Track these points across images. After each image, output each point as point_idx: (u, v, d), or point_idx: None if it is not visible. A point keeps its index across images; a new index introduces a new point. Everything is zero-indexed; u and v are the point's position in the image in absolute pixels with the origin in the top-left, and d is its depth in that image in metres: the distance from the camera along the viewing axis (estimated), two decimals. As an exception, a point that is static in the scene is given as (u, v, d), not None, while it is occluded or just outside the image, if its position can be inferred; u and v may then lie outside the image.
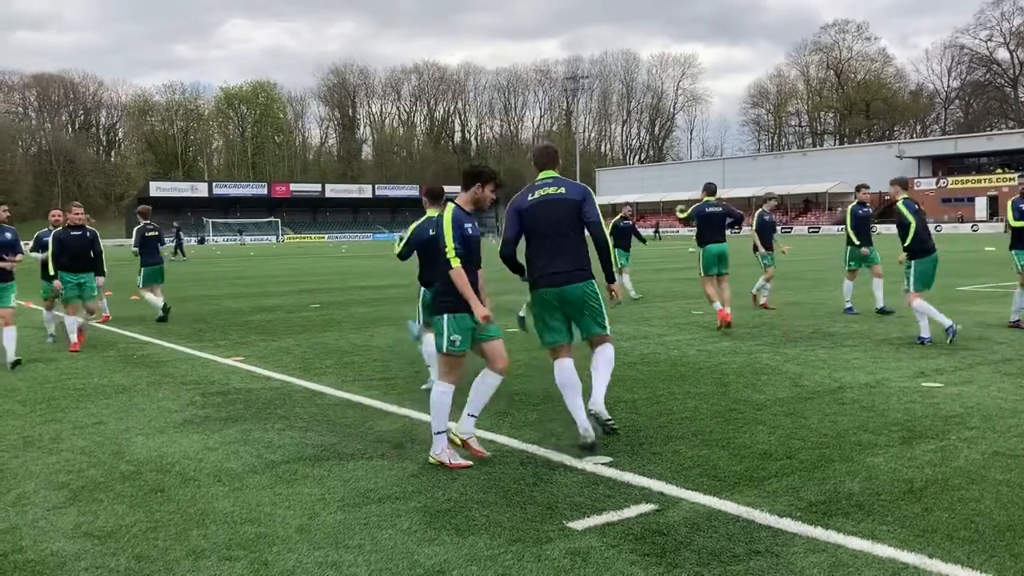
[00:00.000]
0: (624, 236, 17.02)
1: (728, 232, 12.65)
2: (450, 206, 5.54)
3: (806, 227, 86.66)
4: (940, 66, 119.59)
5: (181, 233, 48.37)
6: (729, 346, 10.20)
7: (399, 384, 8.23)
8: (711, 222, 12.18)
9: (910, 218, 10.08)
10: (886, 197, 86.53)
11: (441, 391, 5.51)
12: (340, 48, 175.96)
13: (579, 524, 4.35)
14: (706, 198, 12.28)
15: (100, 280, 11.59)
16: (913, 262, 10.10)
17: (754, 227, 14.69)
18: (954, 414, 6.52)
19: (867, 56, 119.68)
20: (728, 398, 7.28)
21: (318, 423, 6.69)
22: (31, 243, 13.44)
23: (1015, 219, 11.06)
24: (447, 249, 5.36)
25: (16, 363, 9.63)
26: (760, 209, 14.94)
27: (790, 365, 8.80)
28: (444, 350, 5.45)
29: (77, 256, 11.21)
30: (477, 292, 5.42)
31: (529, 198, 5.87)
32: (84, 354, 10.86)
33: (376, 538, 4.23)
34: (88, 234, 11.37)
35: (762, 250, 14.53)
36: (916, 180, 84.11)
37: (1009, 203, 11.38)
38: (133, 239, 15.10)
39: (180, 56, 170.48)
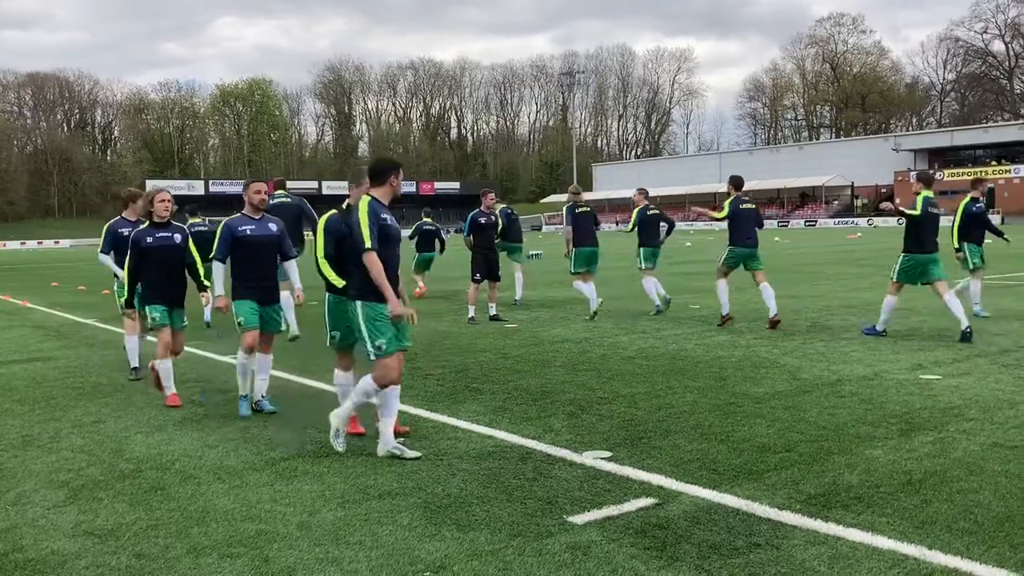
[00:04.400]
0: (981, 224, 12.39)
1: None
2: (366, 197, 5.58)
3: (803, 220, 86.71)
4: (936, 59, 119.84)
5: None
6: (727, 340, 10.21)
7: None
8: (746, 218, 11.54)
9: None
10: (882, 190, 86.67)
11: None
12: (331, 45, 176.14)
13: (579, 518, 4.35)
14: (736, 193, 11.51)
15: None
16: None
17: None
18: (952, 406, 6.54)
19: (862, 49, 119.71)
20: (727, 392, 7.29)
21: (317, 420, 6.68)
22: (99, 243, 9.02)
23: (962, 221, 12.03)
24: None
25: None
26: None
27: (788, 358, 8.81)
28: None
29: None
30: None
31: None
32: (82, 352, 10.84)
33: (376, 534, 4.23)
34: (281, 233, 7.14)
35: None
36: (913, 173, 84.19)
37: (963, 204, 12.14)
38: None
39: (171, 55, 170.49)
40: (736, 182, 11.79)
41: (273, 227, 6.94)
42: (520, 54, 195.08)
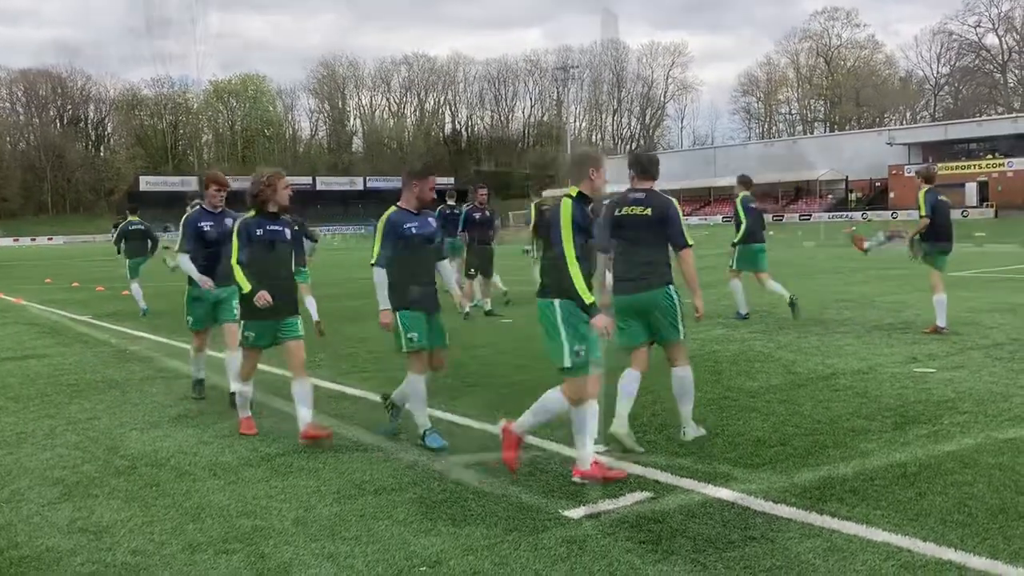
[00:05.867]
0: None
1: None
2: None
3: (797, 215, 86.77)
4: (929, 53, 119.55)
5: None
6: (722, 334, 10.22)
7: (394, 376, 8.21)
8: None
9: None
10: (877, 184, 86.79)
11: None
12: (322, 40, 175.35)
13: (575, 512, 4.36)
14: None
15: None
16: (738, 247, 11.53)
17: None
18: (946, 399, 6.56)
19: (856, 43, 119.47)
20: (721, 386, 7.30)
21: (313, 416, 6.67)
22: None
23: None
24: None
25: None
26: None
27: (783, 352, 8.82)
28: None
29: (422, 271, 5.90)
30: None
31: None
32: (76, 349, 10.82)
33: (372, 529, 4.23)
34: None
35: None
36: (907, 167, 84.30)
37: (922, 194, 9.99)
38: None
39: (162, 51, 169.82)
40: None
41: (433, 222, 5.90)
42: (513, 49, 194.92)
